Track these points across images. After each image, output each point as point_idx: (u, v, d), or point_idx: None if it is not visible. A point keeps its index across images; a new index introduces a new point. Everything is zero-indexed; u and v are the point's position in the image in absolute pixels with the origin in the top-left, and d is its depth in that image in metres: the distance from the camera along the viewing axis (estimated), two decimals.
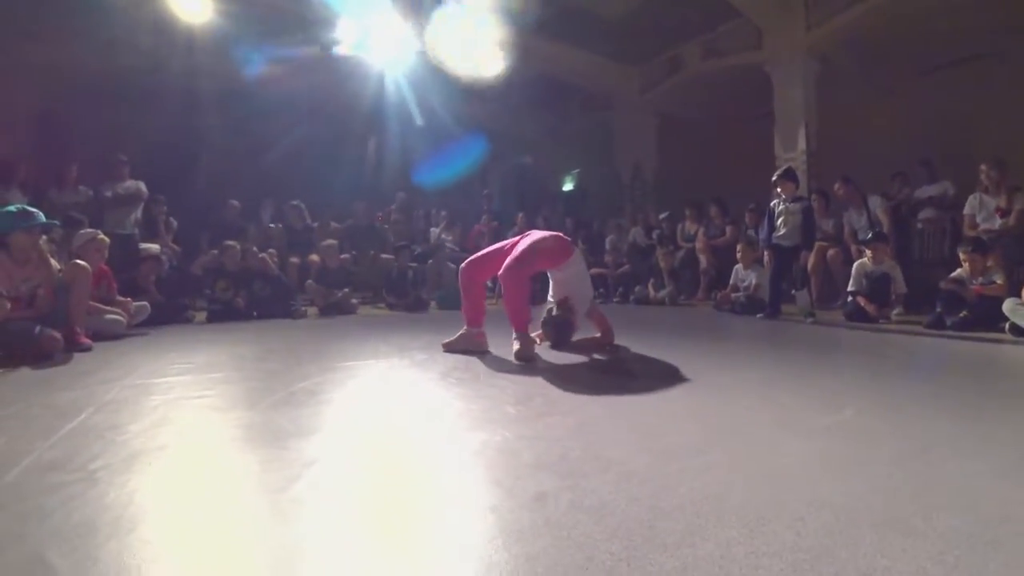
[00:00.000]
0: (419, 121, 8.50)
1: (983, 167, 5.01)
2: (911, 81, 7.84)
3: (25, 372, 2.52)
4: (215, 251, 5.61)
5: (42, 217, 3.23)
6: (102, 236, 4.00)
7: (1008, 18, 6.34)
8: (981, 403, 1.89)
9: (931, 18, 6.52)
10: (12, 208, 3.21)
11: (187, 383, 2.25)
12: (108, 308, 3.84)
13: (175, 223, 6.47)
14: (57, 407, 1.85)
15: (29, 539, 0.95)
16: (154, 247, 5.63)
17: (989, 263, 4.08)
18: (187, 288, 5.61)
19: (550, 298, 3.17)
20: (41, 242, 3.24)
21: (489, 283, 8.00)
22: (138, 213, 5.96)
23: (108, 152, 5.96)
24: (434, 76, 7.91)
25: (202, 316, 5.05)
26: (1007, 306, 3.58)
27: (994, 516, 1.00)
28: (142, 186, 5.92)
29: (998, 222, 4.84)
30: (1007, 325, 3.56)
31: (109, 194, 5.73)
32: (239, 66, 7.11)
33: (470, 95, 8.69)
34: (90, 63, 6.81)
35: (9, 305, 2.87)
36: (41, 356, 2.82)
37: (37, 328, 2.90)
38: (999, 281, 3.94)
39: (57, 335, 2.97)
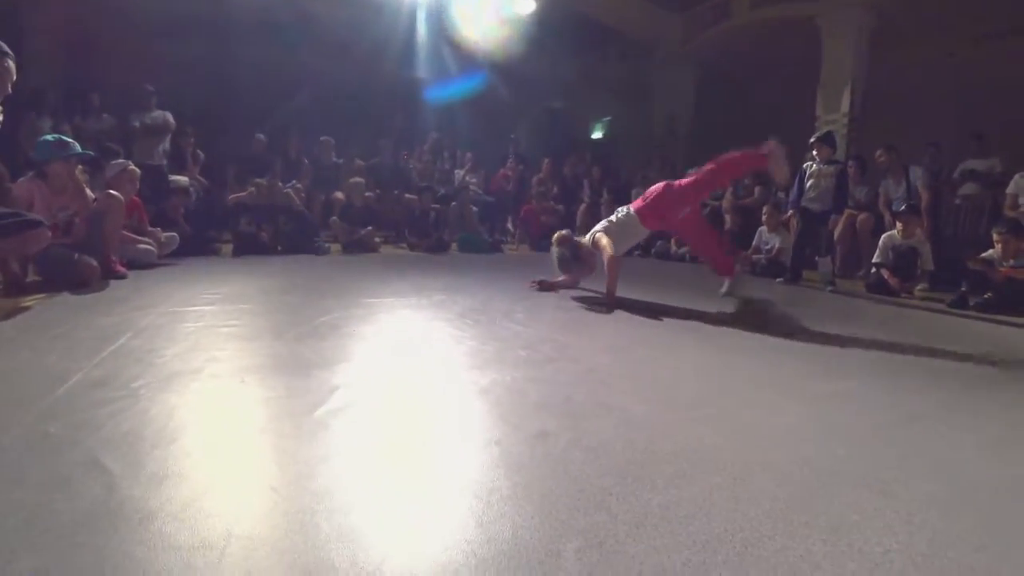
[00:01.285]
0: (446, 53, 8.29)
1: None
2: (972, 46, 7.31)
3: (66, 297, 2.66)
4: (245, 186, 5.68)
5: (78, 147, 3.31)
6: (133, 167, 4.07)
7: None
8: (983, 381, 1.91)
9: None
10: (49, 138, 3.29)
11: (216, 312, 2.37)
12: (140, 238, 3.96)
13: (202, 155, 6.54)
14: (99, 330, 1.98)
15: (84, 444, 1.07)
16: (183, 179, 5.71)
17: (1023, 246, 3.96)
18: (214, 220, 5.73)
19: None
20: (77, 172, 3.33)
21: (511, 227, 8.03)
22: (166, 144, 6.03)
23: (136, 81, 5.98)
24: (466, 12, 7.67)
25: (228, 249, 5.19)
26: None
27: (968, 484, 1.06)
28: (169, 117, 5.96)
29: None
30: None
31: (136, 124, 5.79)
32: None
33: (504, 33, 8.42)
34: None
35: (49, 233, 2.98)
36: (79, 283, 2.93)
37: (76, 255, 3.00)
38: None
39: (94, 263, 3.07)
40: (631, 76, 10.03)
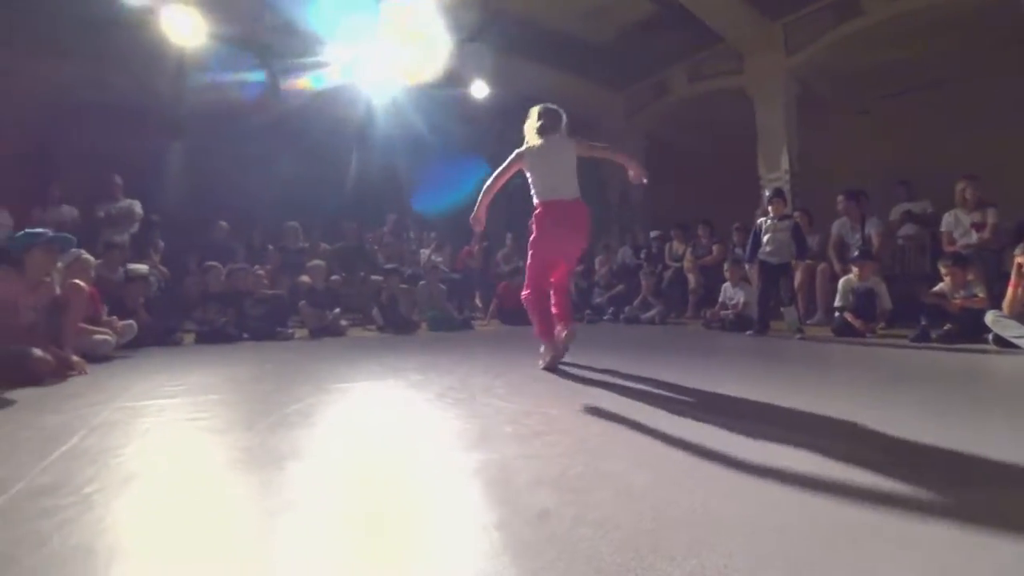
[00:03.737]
0: (402, 137, 8.59)
1: (959, 184, 5.17)
2: (884, 103, 8.13)
3: (13, 395, 2.46)
4: (207, 275, 5.57)
5: (50, 233, 3.21)
6: (87, 255, 3.95)
7: (970, 44, 6.64)
8: (975, 413, 1.93)
9: (900, 44, 6.80)
10: (34, 231, 3.19)
11: (179, 405, 2.22)
12: (96, 328, 3.78)
13: (163, 244, 6.43)
14: (48, 430, 1.82)
15: (25, 563, 0.93)
16: (142, 267, 5.57)
17: (969, 277, 4.19)
18: (175, 310, 5.55)
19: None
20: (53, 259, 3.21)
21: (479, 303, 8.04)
22: (133, 231, 5.94)
23: (102, 172, 5.96)
24: (421, 100, 8.03)
25: (191, 338, 4.99)
26: (989, 318, 3.67)
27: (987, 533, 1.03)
28: (136, 206, 5.90)
29: (975, 236, 4.98)
30: (991, 336, 3.65)
31: (101, 214, 5.70)
32: (230, 90, 7.15)
33: (459, 116, 8.80)
34: (80, 83, 6.82)
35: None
36: (32, 380, 2.74)
37: (31, 351, 2.80)
38: (980, 294, 4.05)
39: (50, 358, 2.89)
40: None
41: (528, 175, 3.06)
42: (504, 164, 3.03)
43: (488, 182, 3.05)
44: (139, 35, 6.01)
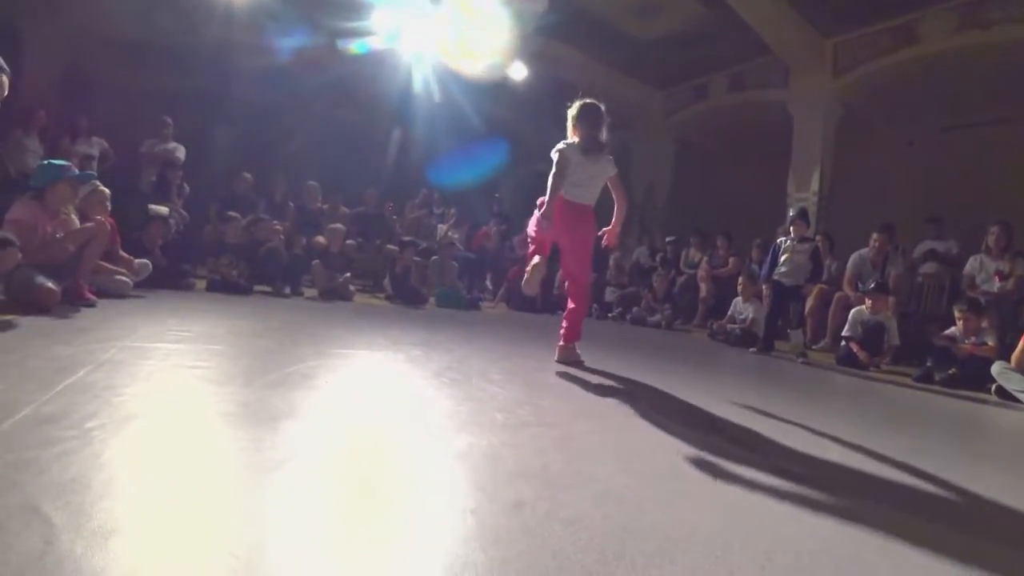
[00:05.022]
0: (440, 111, 8.55)
1: (991, 229, 5.07)
2: (929, 138, 7.92)
3: (28, 321, 2.54)
4: (226, 224, 5.64)
5: (75, 170, 3.30)
6: (102, 187, 3.98)
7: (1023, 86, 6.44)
8: (959, 461, 1.93)
9: (954, 80, 6.61)
10: (57, 162, 3.26)
11: (184, 351, 2.28)
12: (116, 268, 3.85)
13: (187, 189, 6.51)
14: (56, 361, 1.88)
15: (25, 488, 0.98)
16: (163, 209, 5.66)
17: (983, 324, 4.14)
18: (191, 254, 5.64)
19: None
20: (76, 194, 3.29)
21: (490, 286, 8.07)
22: (175, 173, 6.05)
23: (138, 110, 6.04)
24: (460, 74, 7.97)
25: (202, 284, 5.08)
26: (995, 368, 3.63)
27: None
28: (180, 151, 6.01)
29: (996, 285, 4.90)
30: (993, 387, 3.61)
31: (144, 149, 5.81)
32: (274, 43, 7.16)
33: (497, 97, 8.75)
34: (121, 20, 6.86)
35: (20, 255, 2.88)
36: (38, 308, 2.80)
37: (37, 278, 2.87)
38: (990, 343, 4.00)
39: (54, 287, 2.93)
40: (612, 145, 10.46)
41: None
42: (555, 168, 2.97)
43: (551, 185, 2.96)
44: None
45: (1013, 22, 5.71)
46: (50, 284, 2.92)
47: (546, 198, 2.98)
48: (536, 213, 3.08)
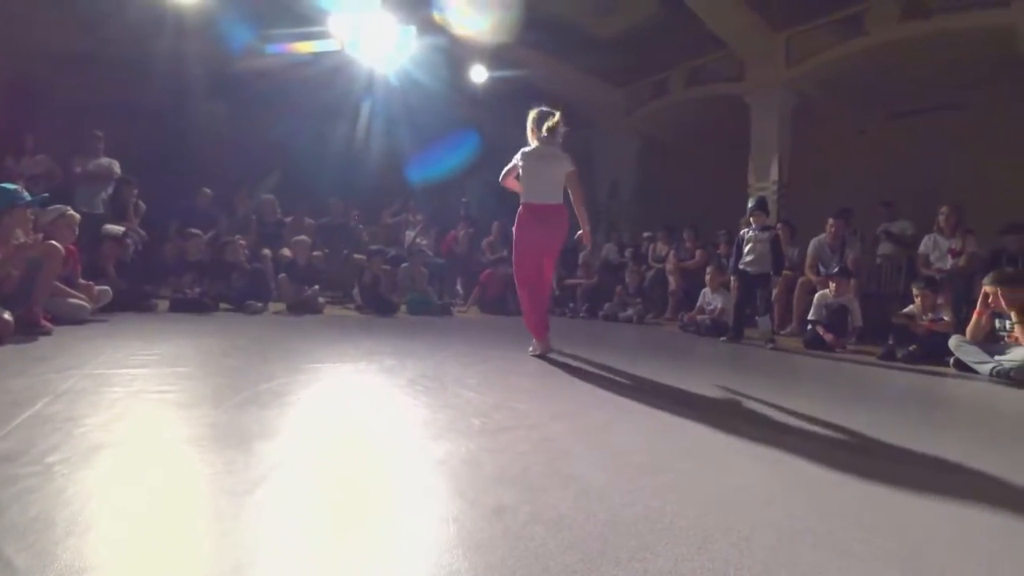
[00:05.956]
0: (401, 116, 8.52)
1: (942, 210, 5.29)
2: (880, 124, 8.24)
3: None
4: (186, 241, 5.49)
5: (26, 194, 3.16)
6: (72, 212, 3.88)
7: (970, 74, 6.75)
8: (922, 433, 2.01)
9: (902, 68, 6.88)
10: (9, 186, 3.13)
11: (149, 376, 2.21)
12: (73, 292, 3.71)
13: (144, 207, 6.30)
14: (11, 393, 1.80)
15: None
16: (116, 228, 5.45)
17: (939, 300, 4.32)
18: (152, 275, 5.47)
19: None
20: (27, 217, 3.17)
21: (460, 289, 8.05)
22: (107, 192, 5.80)
23: (84, 126, 5.80)
24: (424, 78, 7.93)
25: (165, 305, 4.93)
26: (952, 342, 3.79)
27: (925, 540, 1.08)
28: (115, 165, 5.77)
29: (950, 262, 5.11)
30: (951, 360, 3.77)
31: (78, 169, 5.57)
32: (227, 53, 6.99)
33: (460, 99, 8.74)
34: (68, 31, 6.60)
35: None
36: None
37: None
38: (947, 318, 4.17)
39: (8, 317, 2.81)
40: (575, 143, 10.55)
41: (520, 174, 3.33)
42: (509, 164, 3.38)
43: (501, 177, 3.48)
44: None
45: (950, 12, 5.97)
46: (4, 315, 2.79)
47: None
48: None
